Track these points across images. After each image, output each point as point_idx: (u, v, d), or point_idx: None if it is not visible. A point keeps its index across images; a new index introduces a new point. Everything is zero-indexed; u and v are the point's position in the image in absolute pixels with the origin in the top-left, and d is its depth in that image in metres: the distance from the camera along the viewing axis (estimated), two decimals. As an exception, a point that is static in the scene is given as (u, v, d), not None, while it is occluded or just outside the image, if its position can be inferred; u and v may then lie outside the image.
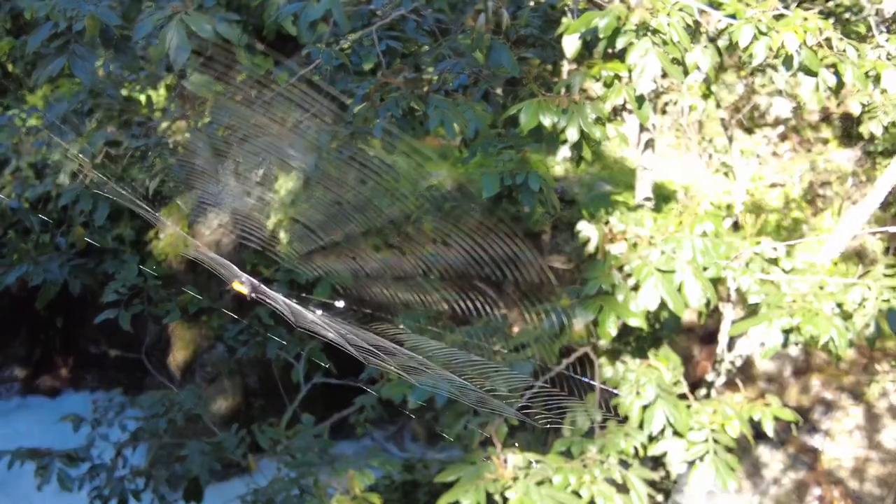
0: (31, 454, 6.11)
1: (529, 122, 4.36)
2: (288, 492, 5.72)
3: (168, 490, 6.38)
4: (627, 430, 4.65)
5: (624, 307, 4.50)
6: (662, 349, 4.87)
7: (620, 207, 4.94)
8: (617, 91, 4.61)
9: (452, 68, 5.21)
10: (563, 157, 4.70)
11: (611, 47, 4.60)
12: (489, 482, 4.32)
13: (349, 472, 5.85)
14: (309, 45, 5.51)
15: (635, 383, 4.63)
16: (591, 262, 4.88)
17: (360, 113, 5.23)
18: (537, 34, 5.58)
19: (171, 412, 6.40)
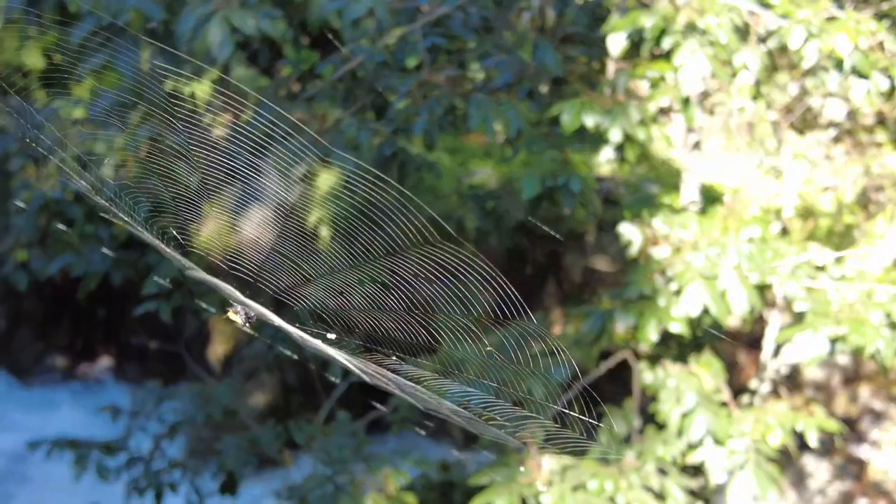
0: (69, 444, 6.17)
1: (572, 123, 4.29)
2: (322, 489, 5.70)
3: (204, 483, 6.40)
4: (666, 437, 4.57)
5: (665, 312, 4.41)
6: (704, 355, 4.77)
7: (665, 210, 4.85)
8: (663, 92, 4.52)
9: (497, 66, 5.16)
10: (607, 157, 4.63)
11: (657, 47, 4.53)
12: (523, 485, 4.27)
13: (384, 471, 5.82)
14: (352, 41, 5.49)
15: (675, 390, 4.54)
16: (633, 265, 4.80)
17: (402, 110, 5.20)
18: (584, 32, 5.51)
19: (209, 406, 6.41)
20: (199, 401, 6.50)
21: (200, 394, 6.59)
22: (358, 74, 5.79)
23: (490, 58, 5.26)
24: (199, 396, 6.55)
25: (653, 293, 4.48)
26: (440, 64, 5.15)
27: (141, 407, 6.53)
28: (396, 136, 5.26)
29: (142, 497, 6.23)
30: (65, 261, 6.74)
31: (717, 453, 4.55)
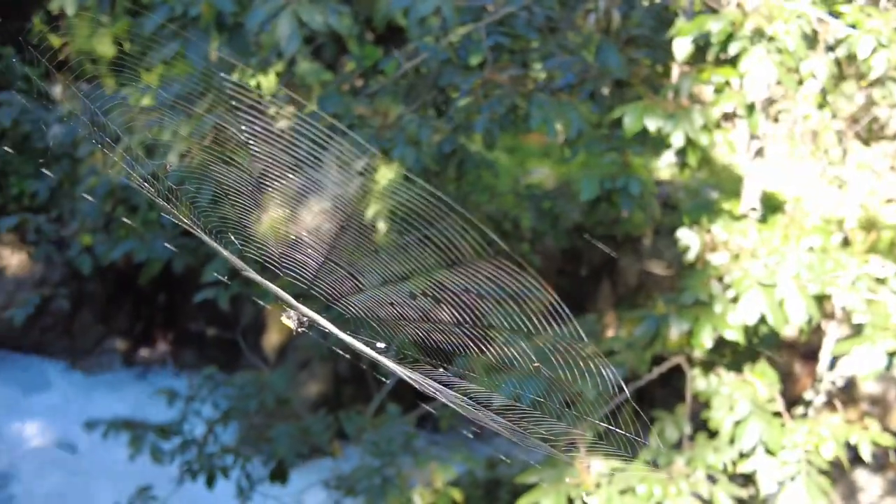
0: (126, 425, 6.29)
1: (634, 126, 4.28)
2: (370, 480, 5.75)
3: (255, 469, 6.49)
4: (717, 445, 4.53)
5: (721, 319, 4.38)
6: (759, 364, 4.72)
7: (724, 216, 4.81)
8: (728, 97, 4.49)
9: (560, 66, 5.16)
10: (667, 161, 4.61)
11: (723, 52, 4.50)
12: (571, 486, 4.27)
13: (431, 466, 5.86)
14: (417, 39, 5.53)
15: (729, 398, 4.50)
16: (690, 270, 4.77)
17: (463, 108, 5.22)
18: (649, 35, 5.49)
19: (263, 393, 6.50)
20: (253, 388, 6.59)
21: (255, 381, 6.69)
22: (420, 71, 5.84)
23: (553, 58, 5.27)
24: (254, 384, 6.64)
25: (709, 299, 4.45)
26: (503, 63, 5.17)
27: (196, 392, 6.64)
28: (456, 134, 5.29)
29: (194, 480, 6.33)
30: (128, 246, 6.87)
31: (768, 463, 4.50)
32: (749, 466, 4.56)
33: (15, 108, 7.82)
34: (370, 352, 1.82)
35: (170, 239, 6.95)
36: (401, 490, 5.71)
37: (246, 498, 6.39)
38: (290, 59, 6.19)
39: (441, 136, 5.23)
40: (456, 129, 5.29)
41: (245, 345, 8.92)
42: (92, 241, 7.47)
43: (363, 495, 5.77)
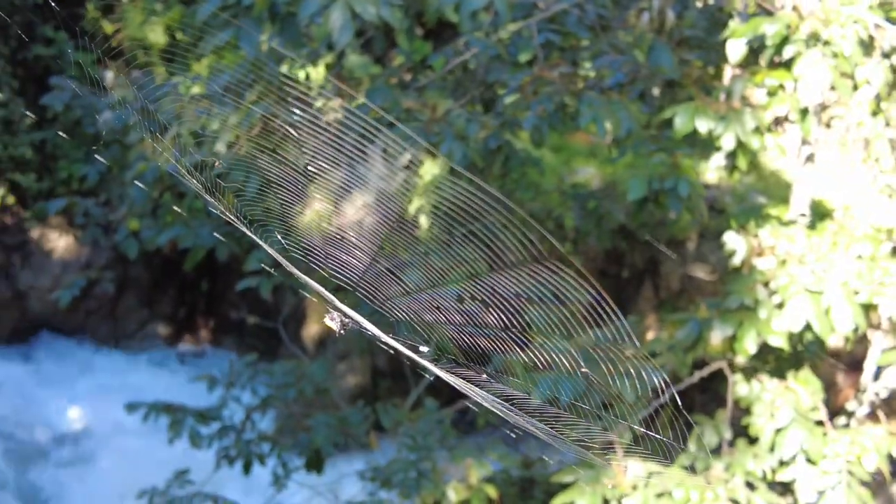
0: (166, 409, 6.35)
1: (685, 127, 4.24)
2: (406, 473, 5.76)
3: (291, 458, 6.53)
4: (757, 452, 4.48)
5: (766, 324, 4.33)
6: (803, 372, 4.66)
7: (772, 221, 4.76)
8: (780, 100, 4.44)
9: (610, 65, 5.13)
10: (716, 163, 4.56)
11: (778, 55, 4.45)
12: (607, 487, 4.25)
13: (467, 462, 5.86)
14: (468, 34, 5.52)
15: (770, 404, 4.45)
16: (735, 274, 4.73)
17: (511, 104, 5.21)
18: (702, 36, 5.44)
19: (302, 383, 6.54)
20: (292, 377, 6.63)
21: (294, 370, 6.72)
22: (469, 67, 5.83)
23: (603, 57, 5.24)
24: (293, 373, 6.68)
25: (754, 304, 4.40)
26: (553, 60, 5.15)
27: (236, 378, 6.69)
28: (503, 130, 5.28)
29: (231, 466, 6.38)
30: (174, 233, 6.93)
31: (808, 472, 4.45)
32: (789, 475, 4.51)
33: (67, 93, 7.93)
34: (412, 355, 1.82)
35: (215, 227, 7.01)
36: (435, 484, 5.72)
37: (281, 486, 6.44)
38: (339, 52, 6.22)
39: (488, 132, 5.22)
40: (503, 125, 5.28)
41: (285, 334, 8.98)
42: (139, 226, 7.56)
43: (398, 488, 5.79)
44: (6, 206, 12.12)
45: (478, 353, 1.85)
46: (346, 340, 9.94)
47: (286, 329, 9.08)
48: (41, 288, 11.97)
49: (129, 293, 12.41)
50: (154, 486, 6.22)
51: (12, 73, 12.00)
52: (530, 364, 1.77)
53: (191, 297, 12.75)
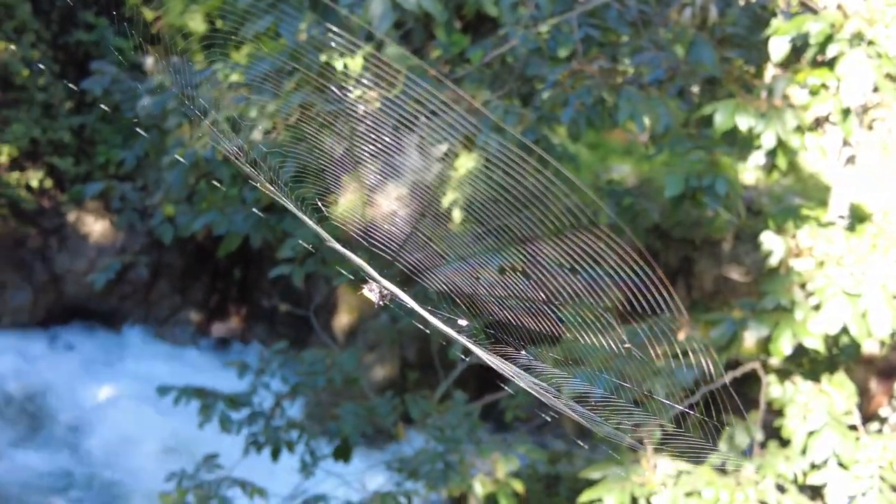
0: (197, 393, 6.38)
1: (725, 123, 4.20)
2: (433, 465, 5.77)
3: (319, 446, 6.55)
4: (788, 454, 4.44)
5: (801, 326, 4.29)
6: (837, 375, 4.61)
7: (811, 222, 4.71)
8: (822, 100, 4.38)
9: (650, 61, 5.09)
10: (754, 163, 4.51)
11: (821, 54, 4.39)
12: (636, 485, 4.23)
13: (494, 455, 5.85)
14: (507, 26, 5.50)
15: (804, 406, 4.41)
16: (771, 275, 4.68)
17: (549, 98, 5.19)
18: (743, 34, 5.39)
19: (331, 371, 6.55)
20: (322, 366, 6.65)
21: (324, 359, 6.74)
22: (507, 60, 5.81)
23: (643, 53, 5.20)
24: (323, 361, 6.70)
25: (790, 305, 4.35)
26: (592, 55, 5.12)
27: (267, 365, 6.72)
28: (540, 124, 5.25)
29: (259, 452, 6.41)
30: (209, 218, 6.97)
31: (840, 476, 4.40)
32: (819, 478, 4.46)
33: (106, 77, 7.99)
34: (449, 330, 1.80)
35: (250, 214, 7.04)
36: (462, 477, 5.71)
37: (309, 473, 6.46)
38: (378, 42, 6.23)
39: (524, 126, 5.20)
40: (540, 119, 5.25)
41: (316, 323, 9.01)
42: (174, 211, 7.61)
43: (425, 479, 5.79)
44: (44, 190, 12.27)
45: (517, 326, 1.82)
46: (376, 331, 9.97)
47: (317, 319, 9.11)
48: (77, 271, 12.11)
49: (162, 279, 12.51)
50: (183, 470, 6.26)
51: (53, 58, 12.13)
52: (572, 340, 1.74)
53: (223, 284, 12.84)
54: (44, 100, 12.03)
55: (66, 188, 12.29)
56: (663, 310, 1.62)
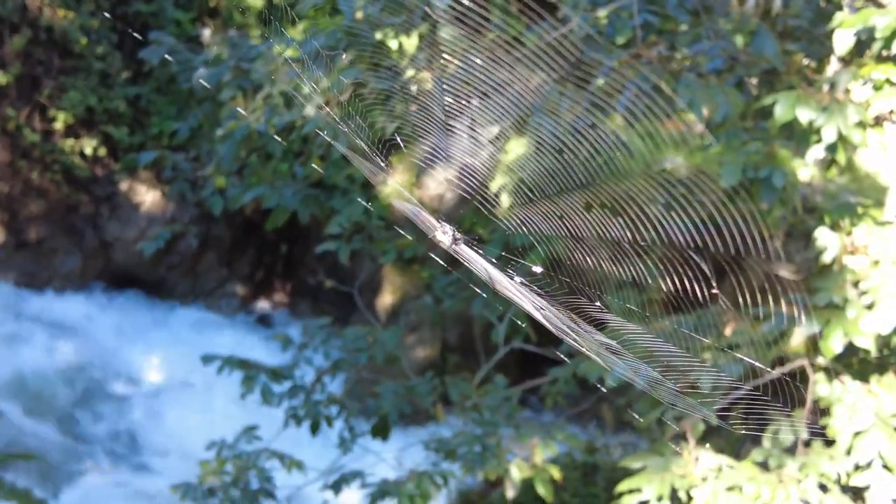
0: (240, 364, 6.44)
1: (785, 115, 4.13)
2: (470, 447, 5.77)
3: (358, 423, 6.58)
4: (833, 454, 4.37)
5: (853, 324, 4.21)
6: (887, 376, 4.52)
7: (867, 220, 4.61)
8: (886, 96, 4.29)
9: (709, 51, 5.02)
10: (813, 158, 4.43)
11: (886, 49, 4.30)
12: (676, 477, 4.19)
13: (532, 441, 5.83)
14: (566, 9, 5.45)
15: (851, 406, 4.33)
16: (824, 272, 4.60)
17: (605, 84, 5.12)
18: (806, 27, 5.29)
19: (373, 349, 6.58)
20: (364, 343, 6.67)
21: (366, 336, 6.76)
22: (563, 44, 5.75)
23: (702, 42, 5.12)
24: (365, 338, 6.72)
25: (843, 303, 4.27)
26: (650, 41, 5.06)
27: (309, 340, 6.76)
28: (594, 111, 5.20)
29: (299, 426, 6.46)
30: (259, 192, 7.01)
31: (884, 478, 4.32)
32: (863, 479, 4.39)
33: (163, 48, 8.05)
34: (510, 285, 1.76)
35: (300, 189, 7.07)
36: (499, 461, 5.71)
37: (347, 449, 6.50)
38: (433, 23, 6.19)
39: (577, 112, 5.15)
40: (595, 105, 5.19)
41: (360, 301, 9.05)
42: (225, 183, 7.67)
43: (462, 461, 5.79)
44: (98, 158, 12.43)
45: (595, 272, 1.74)
46: (418, 311, 9.99)
47: (360, 296, 9.14)
48: (127, 239, 12.27)
49: (210, 251, 12.64)
50: (223, 440, 6.33)
51: (111, 27, 12.26)
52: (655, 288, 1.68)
53: (269, 259, 12.93)
54: (101, 69, 12.17)
55: (119, 157, 12.44)
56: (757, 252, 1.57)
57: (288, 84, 6.99)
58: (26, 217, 12.12)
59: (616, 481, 4.58)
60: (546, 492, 5.43)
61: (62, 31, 11.86)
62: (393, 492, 5.52)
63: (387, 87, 6.25)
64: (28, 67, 11.98)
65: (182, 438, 9.56)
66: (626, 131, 4.29)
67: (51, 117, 12.07)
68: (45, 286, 12.07)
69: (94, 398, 10.64)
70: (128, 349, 11.33)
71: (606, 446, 7.98)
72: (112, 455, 9.78)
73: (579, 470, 7.40)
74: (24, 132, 11.90)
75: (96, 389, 10.78)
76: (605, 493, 6.92)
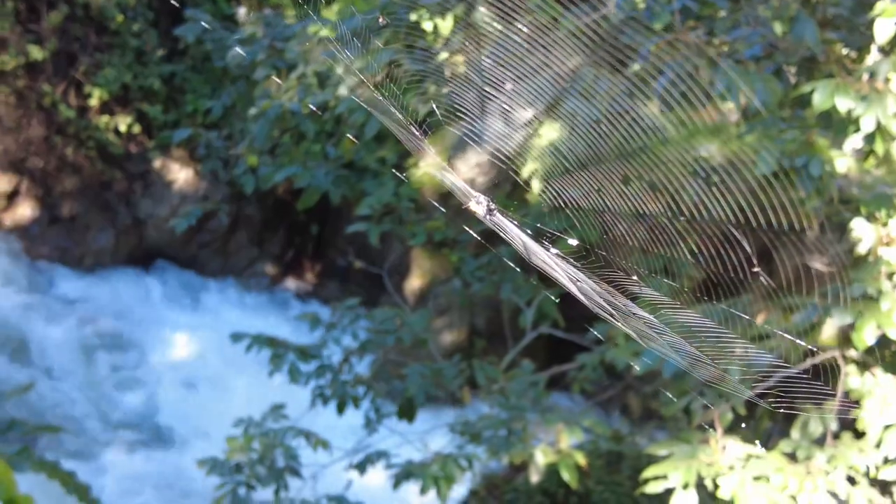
0: (269, 342, 6.47)
1: (824, 103, 4.07)
2: (496, 431, 5.76)
3: (384, 404, 6.60)
4: (862, 447, 4.32)
5: (887, 317, 4.15)
6: (920, 371, 4.47)
7: (904, 212, 4.55)
8: (928, 85, 4.22)
9: (748, 37, 4.95)
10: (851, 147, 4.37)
11: (930, 38, 4.22)
12: (703, 465, 4.17)
13: (558, 426, 5.82)
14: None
15: (882, 400, 4.28)
16: (858, 263, 4.54)
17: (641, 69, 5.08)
18: (846, 15, 5.21)
19: (401, 331, 6.58)
20: (393, 324, 6.68)
21: (394, 318, 6.77)
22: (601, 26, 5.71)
23: (740, 28, 5.06)
24: (393, 320, 6.73)
25: (877, 295, 4.22)
26: (689, 25, 5.00)
27: (338, 320, 6.78)
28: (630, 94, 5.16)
29: (325, 405, 6.49)
30: (291, 171, 7.01)
31: (914, 474, 4.27)
32: (892, 473, 4.34)
33: (199, 26, 8.07)
34: (546, 257, 1.74)
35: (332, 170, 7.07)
36: (524, 445, 5.70)
37: (373, 429, 6.52)
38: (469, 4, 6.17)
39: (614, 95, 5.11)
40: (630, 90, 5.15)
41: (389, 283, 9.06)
42: (257, 162, 7.69)
43: (486, 444, 5.79)
44: (132, 135, 12.52)
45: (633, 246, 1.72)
46: (447, 296, 9.99)
47: (389, 279, 9.16)
48: (159, 217, 12.36)
49: (241, 230, 12.71)
50: (250, 417, 6.37)
51: (147, 5, 12.32)
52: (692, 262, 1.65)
53: (300, 239, 12.98)
54: (137, 46, 12.24)
55: (153, 135, 12.52)
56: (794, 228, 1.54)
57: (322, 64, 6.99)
58: (60, 193, 12.23)
59: (641, 470, 4.56)
60: (571, 477, 5.42)
61: (99, 7, 11.93)
62: (417, 473, 5.52)
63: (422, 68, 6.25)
64: (64, 43, 12.07)
65: (209, 415, 9.64)
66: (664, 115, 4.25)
67: (86, 94, 12.16)
68: (77, 262, 12.18)
69: (122, 374, 10.75)
70: (158, 326, 11.43)
71: (632, 434, 7.95)
72: (139, 430, 9.89)
73: (604, 458, 7.38)
74: (60, 108, 12.00)
75: (125, 365, 10.88)
76: (630, 481, 6.90)
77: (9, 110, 11.88)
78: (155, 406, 10.28)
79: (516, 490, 7.30)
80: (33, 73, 11.97)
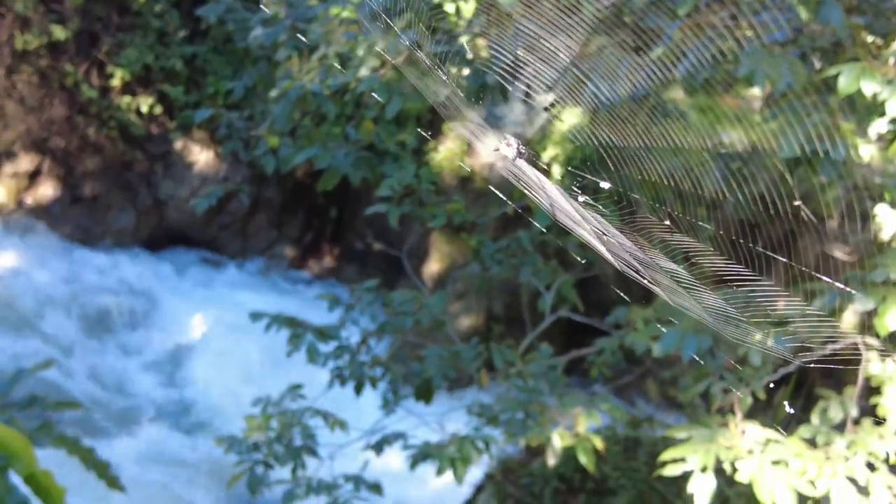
0: (288, 322, 6.49)
1: (848, 86, 4.04)
2: (513, 413, 5.77)
3: (402, 385, 6.61)
4: (883, 433, 4.30)
5: (910, 303, 4.12)
6: (942, 358, 4.44)
7: (928, 198, 4.52)
8: (955, 70, 4.18)
9: (772, 21, 4.92)
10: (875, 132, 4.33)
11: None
12: (722, 448, 4.16)
13: (576, 410, 5.82)
14: (627, -25, 5.37)
15: (903, 386, 4.26)
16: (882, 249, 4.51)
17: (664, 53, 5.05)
18: (872, 0, 5.16)
19: (420, 313, 6.59)
20: (411, 306, 6.69)
21: (413, 300, 6.78)
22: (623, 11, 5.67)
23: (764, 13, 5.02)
24: (412, 302, 6.74)
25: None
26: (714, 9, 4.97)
27: (357, 301, 6.79)
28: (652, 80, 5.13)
29: (343, 386, 6.50)
30: (312, 152, 7.01)
31: (934, 461, 4.25)
32: (912, 461, 4.32)
33: (221, 6, 8.08)
34: (571, 208, 1.71)
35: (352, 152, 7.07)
36: (542, 428, 5.70)
37: (390, 410, 6.54)
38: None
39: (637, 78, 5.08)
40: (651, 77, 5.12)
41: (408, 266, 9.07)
42: (278, 143, 7.70)
43: (504, 427, 5.80)
44: (153, 116, 12.56)
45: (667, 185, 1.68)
46: (465, 280, 9.98)
47: (408, 262, 9.16)
48: (180, 198, 12.41)
49: (260, 213, 12.74)
50: (268, 396, 6.39)
51: (170, -14, 12.35)
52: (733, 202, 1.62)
53: (319, 222, 13.00)
54: (159, 27, 12.27)
55: (174, 116, 12.56)
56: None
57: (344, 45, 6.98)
58: (82, 173, 12.29)
59: (658, 457, 4.55)
60: (588, 461, 5.42)
61: (121, -12, 11.97)
62: (434, 454, 5.54)
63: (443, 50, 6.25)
64: (87, 23, 12.11)
65: (228, 394, 9.70)
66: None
67: (108, 74, 12.21)
68: (98, 242, 12.26)
69: (142, 353, 10.83)
70: (177, 306, 11.49)
71: (650, 420, 7.94)
72: (158, 408, 9.96)
73: (621, 444, 7.38)
74: (82, 88, 12.05)
75: (145, 344, 10.96)
76: (647, 467, 6.90)
77: (31, 90, 11.94)
78: (174, 385, 10.35)
79: (532, 474, 7.31)
80: (56, 53, 12.02)
